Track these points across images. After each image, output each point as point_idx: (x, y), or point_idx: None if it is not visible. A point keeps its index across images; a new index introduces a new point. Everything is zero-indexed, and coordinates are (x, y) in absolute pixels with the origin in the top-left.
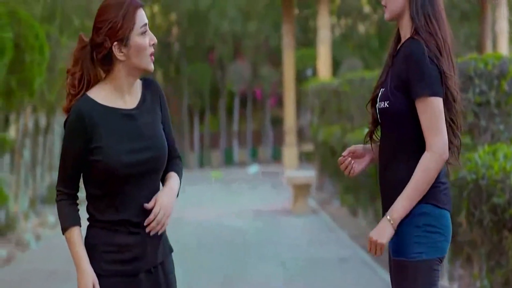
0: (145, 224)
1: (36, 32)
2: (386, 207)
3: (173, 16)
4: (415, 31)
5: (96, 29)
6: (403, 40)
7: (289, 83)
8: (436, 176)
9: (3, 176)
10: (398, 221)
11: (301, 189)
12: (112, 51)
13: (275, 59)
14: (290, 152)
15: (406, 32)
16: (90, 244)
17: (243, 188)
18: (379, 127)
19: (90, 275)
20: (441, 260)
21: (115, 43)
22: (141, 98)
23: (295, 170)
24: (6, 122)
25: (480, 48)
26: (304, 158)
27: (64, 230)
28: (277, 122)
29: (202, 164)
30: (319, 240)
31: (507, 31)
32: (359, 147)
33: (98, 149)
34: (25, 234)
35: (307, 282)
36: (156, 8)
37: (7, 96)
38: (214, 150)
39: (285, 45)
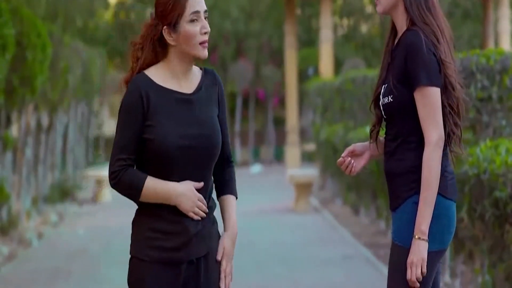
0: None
1: (38, 30)
2: (393, 197)
3: None
4: (411, 22)
5: (155, 9)
6: (399, 33)
7: (291, 83)
8: (440, 165)
9: (5, 175)
10: (426, 232)
11: (303, 188)
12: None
13: (278, 59)
14: (292, 151)
15: (401, 25)
16: (136, 228)
17: (246, 187)
18: (383, 126)
19: (184, 186)
20: (441, 253)
21: (165, 27)
22: (198, 86)
23: (297, 169)
24: (8, 120)
25: (482, 47)
26: (306, 157)
27: (138, 193)
28: (280, 122)
29: None
30: (321, 238)
31: (509, 30)
32: (358, 145)
33: (151, 128)
34: (27, 232)
35: (310, 280)
36: None
37: (9, 94)
38: None
39: (288, 45)
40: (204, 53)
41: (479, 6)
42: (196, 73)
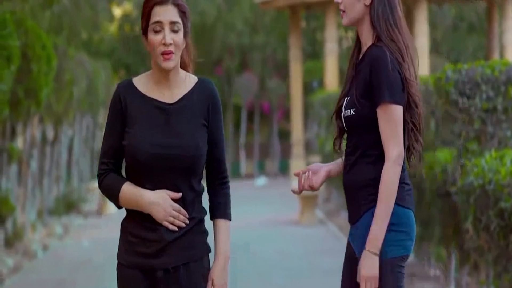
0: None
1: (43, 42)
2: (351, 210)
3: None
4: (377, 38)
5: None
6: (364, 47)
7: (296, 96)
8: (397, 182)
9: (10, 187)
10: (379, 246)
11: (308, 200)
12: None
13: (282, 72)
14: (297, 164)
15: (367, 39)
16: (121, 232)
17: (251, 200)
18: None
19: (157, 194)
20: (405, 258)
21: (142, 34)
22: (183, 96)
23: None
24: (13, 132)
25: (487, 60)
26: None
27: (116, 198)
28: (285, 134)
29: None
30: (326, 250)
31: None
32: (313, 165)
33: (127, 134)
34: (32, 244)
35: None
36: None
37: (14, 106)
38: None
39: (292, 57)
40: (165, 64)
41: (484, 19)
42: (187, 82)
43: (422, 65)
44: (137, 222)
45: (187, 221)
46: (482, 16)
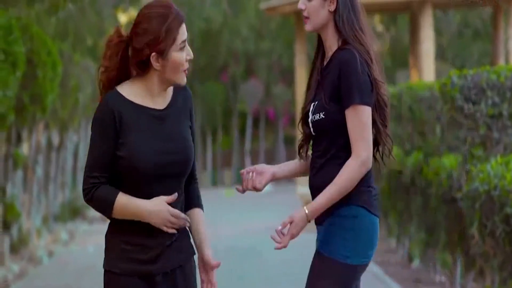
0: None
1: (48, 48)
2: None
3: None
4: (343, 42)
5: (136, 34)
6: (329, 52)
7: (302, 102)
8: (357, 183)
9: (16, 193)
10: (314, 215)
11: None
12: (149, 59)
13: (288, 78)
14: None
15: (332, 43)
16: (109, 242)
17: (256, 206)
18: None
19: (157, 203)
20: (364, 267)
21: (154, 54)
22: (171, 101)
23: (308, 188)
24: (19, 138)
25: (492, 65)
26: None
27: (110, 210)
28: (290, 140)
29: (214, 183)
30: None
31: None
32: (259, 165)
33: (124, 145)
34: (37, 250)
35: None
36: None
37: (20, 112)
38: (227, 169)
39: (298, 63)
40: (184, 80)
41: (489, 25)
42: (169, 88)
43: (427, 71)
44: (130, 229)
45: (188, 223)
46: (488, 22)
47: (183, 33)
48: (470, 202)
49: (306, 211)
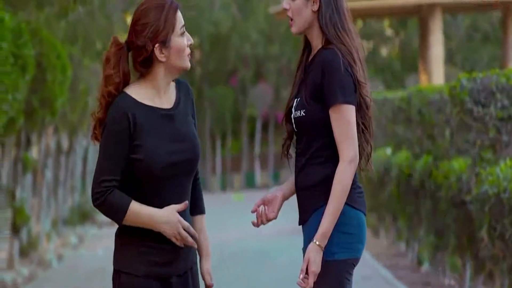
0: None
1: (58, 52)
2: (301, 211)
3: (194, 40)
4: (327, 41)
5: (135, 32)
6: (314, 50)
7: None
8: (350, 182)
9: (25, 196)
10: (324, 240)
11: None
12: (153, 53)
13: None
14: None
15: (317, 43)
16: (123, 244)
17: None
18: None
19: (169, 214)
20: (354, 263)
21: (157, 45)
22: (176, 99)
23: None
24: (28, 141)
25: (502, 69)
26: None
27: (122, 217)
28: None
29: (224, 187)
30: None
31: None
32: (267, 194)
33: (139, 147)
34: (47, 254)
35: None
36: None
37: (29, 115)
38: (236, 173)
39: None
40: (189, 64)
41: (498, 29)
42: (172, 86)
43: (437, 74)
44: (147, 231)
45: (195, 247)
46: (497, 26)
47: (180, 19)
48: (480, 205)
49: (316, 242)
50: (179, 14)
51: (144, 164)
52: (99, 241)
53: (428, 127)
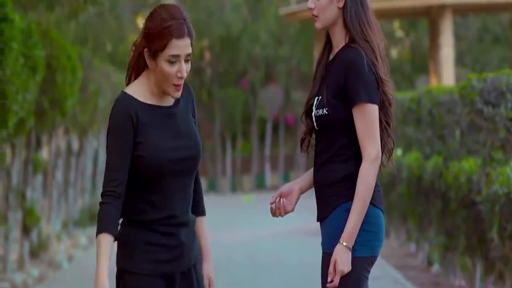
0: None
1: (68, 53)
2: (321, 207)
3: (205, 41)
4: (351, 39)
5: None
6: (335, 48)
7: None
8: (375, 181)
9: (35, 197)
10: (351, 240)
11: None
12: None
13: (307, 84)
14: None
15: (339, 40)
16: (126, 242)
17: None
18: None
19: (102, 284)
20: (372, 260)
21: (146, 50)
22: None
23: None
24: (38, 142)
25: None
26: None
27: (100, 231)
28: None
29: (234, 188)
30: None
31: None
32: (284, 187)
33: (141, 144)
34: (57, 255)
35: None
36: None
37: (39, 116)
38: (246, 175)
39: None
40: (176, 94)
41: (508, 30)
42: None
43: (447, 76)
44: (150, 229)
45: None
46: (507, 28)
47: (174, 47)
48: (490, 205)
49: (344, 243)
50: (175, 43)
51: (148, 161)
52: None
53: (438, 127)
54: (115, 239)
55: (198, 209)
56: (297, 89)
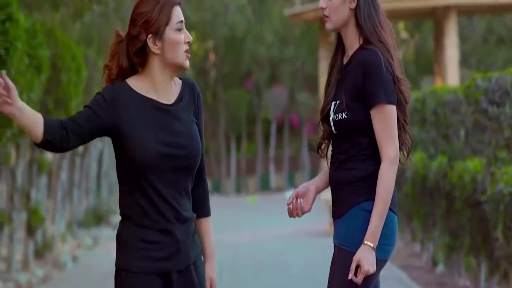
0: None
1: (73, 53)
2: (338, 205)
3: (209, 43)
4: (365, 40)
5: (132, 21)
6: (349, 50)
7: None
8: (394, 181)
9: (40, 198)
10: (375, 240)
11: None
12: (147, 44)
13: (312, 85)
14: None
15: (352, 41)
16: (123, 241)
17: (281, 212)
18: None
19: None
20: (383, 264)
21: (150, 35)
22: (178, 97)
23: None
24: None
25: None
26: None
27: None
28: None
29: (238, 189)
30: None
31: None
32: (300, 187)
33: (128, 135)
34: (62, 255)
35: None
36: (193, 35)
37: None
38: (251, 176)
39: (322, 71)
40: (187, 63)
41: None
42: (176, 84)
43: (452, 77)
44: (145, 226)
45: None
46: (511, 29)
47: (178, 14)
48: (494, 205)
49: (369, 243)
50: (177, 9)
51: (133, 152)
52: (114, 242)
53: (443, 127)
54: (44, 122)
55: (203, 210)
56: (301, 90)
